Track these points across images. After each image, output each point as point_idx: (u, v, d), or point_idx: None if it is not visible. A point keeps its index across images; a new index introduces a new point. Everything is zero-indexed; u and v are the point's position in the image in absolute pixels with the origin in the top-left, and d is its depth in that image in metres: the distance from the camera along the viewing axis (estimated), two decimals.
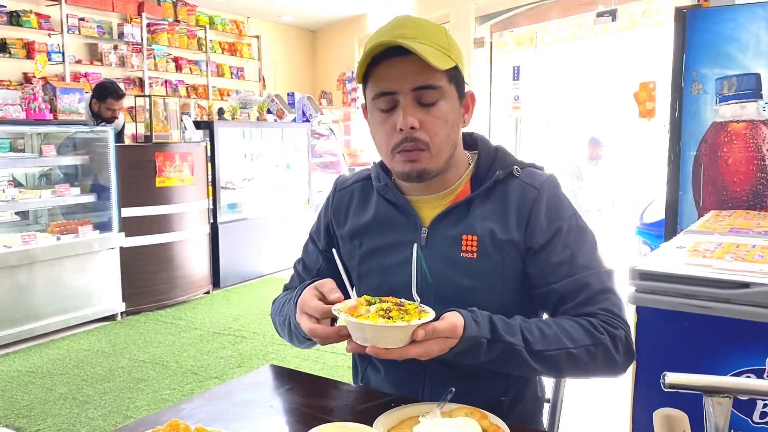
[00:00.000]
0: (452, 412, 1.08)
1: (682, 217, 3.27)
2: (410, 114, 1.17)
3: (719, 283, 1.68)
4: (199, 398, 1.20)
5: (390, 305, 1.07)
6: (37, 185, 4.72)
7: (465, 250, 1.24)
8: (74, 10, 6.91)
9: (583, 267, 1.23)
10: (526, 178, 1.28)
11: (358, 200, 1.38)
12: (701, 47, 3.23)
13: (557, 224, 1.24)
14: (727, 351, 1.70)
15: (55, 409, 3.26)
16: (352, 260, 1.36)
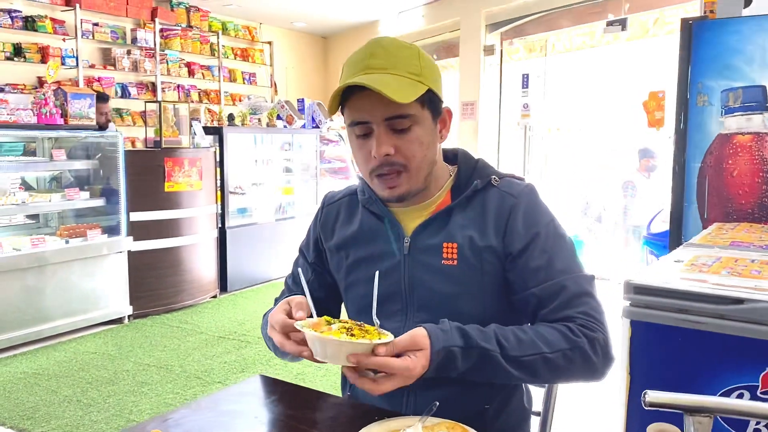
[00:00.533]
0: (434, 427, 1.09)
1: (686, 229, 3.25)
2: (384, 142, 1.21)
3: (713, 298, 1.68)
4: (185, 408, 1.21)
5: (351, 325, 1.10)
6: (47, 189, 4.78)
7: (446, 258, 1.27)
8: (88, 15, 6.99)
9: (561, 271, 1.25)
10: (504, 187, 1.31)
11: (345, 214, 1.42)
12: (707, 59, 3.22)
13: (534, 230, 1.27)
14: (720, 367, 1.69)
15: (59, 411, 3.30)
16: (340, 272, 1.40)
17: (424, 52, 1.28)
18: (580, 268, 1.28)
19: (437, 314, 1.24)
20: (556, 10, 6.99)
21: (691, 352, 1.75)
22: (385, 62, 1.20)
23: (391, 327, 1.29)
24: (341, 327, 1.09)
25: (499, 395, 1.32)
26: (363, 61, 1.21)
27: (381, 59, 1.21)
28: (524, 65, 7.68)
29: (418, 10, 8.39)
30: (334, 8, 8.38)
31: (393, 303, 1.31)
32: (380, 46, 1.23)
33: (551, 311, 1.22)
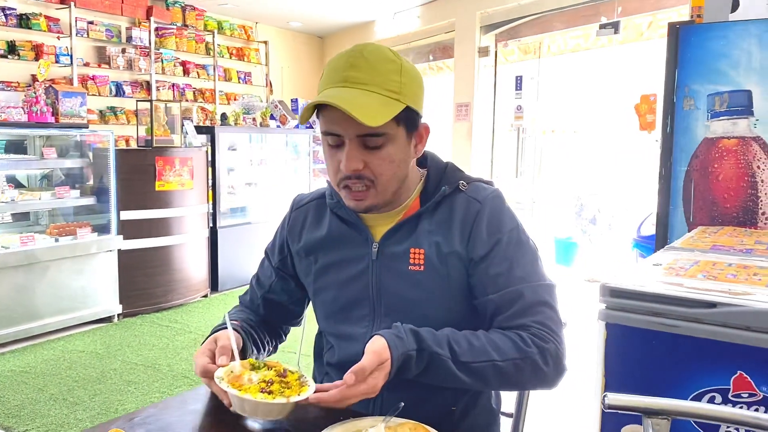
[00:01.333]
0: (397, 427, 1.10)
1: (672, 232, 3.27)
2: (353, 158, 1.20)
3: (687, 302, 1.69)
4: (153, 407, 1.22)
5: (272, 376, 1.13)
6: (37, 187, 4.78)
7: (413, 263, 1.28)
8: (83, 13, 6.99)
9: (520, 279, 1.25)
10: (471, 192, 1.31)
11: (313, 217, 1.42)
12: (694, 63, 3.23)
13: (497, 236, 1.27)
14: (693, 370, 1.70)
15: (45, 409, 3.30)
16: (308, 276, 1.40)
17: (408, 63, 1.25)
18: (541, 276, 1.28)
19: (404, 319, 1.25)
20: (550, 12, 7.01)
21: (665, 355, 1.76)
22: (364, 76, 1.18)
23: (359, 332, 1.31)
24: (261, 379, 1.12)
25: (466, 396, 1.33)
26: (343, 71, 1.19)
27: (361, 72, 1.18)
28: (519, 67, 7.69)
29: (414, 10, 8.40)
30: (330, 8, 8.39)
31: (361, 308, 1.32)
32: (363, 56, 1.20)
33: (507, 318, 1.23)
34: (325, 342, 1.43)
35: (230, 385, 1.11)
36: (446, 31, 8.10)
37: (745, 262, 2.03)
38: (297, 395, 1.10)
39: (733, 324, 1.63)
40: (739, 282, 1.79)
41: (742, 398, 1.63)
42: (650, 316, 1.73)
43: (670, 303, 1.72)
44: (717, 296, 1.67)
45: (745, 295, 1.66)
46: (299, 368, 1.20)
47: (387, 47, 1.26)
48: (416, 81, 1.25)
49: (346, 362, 1.32)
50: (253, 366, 1.18)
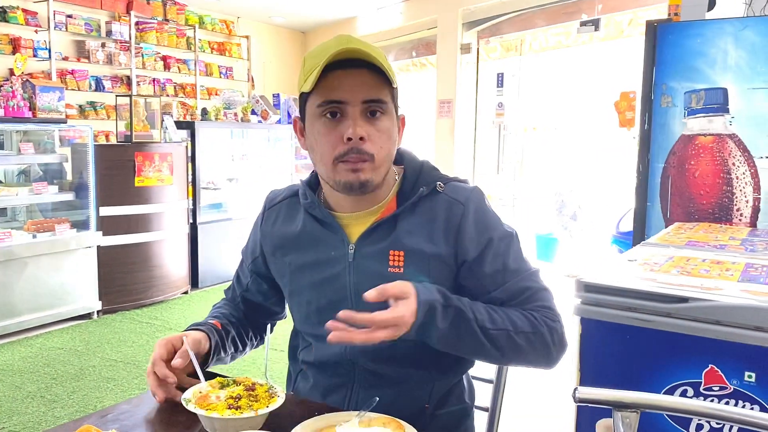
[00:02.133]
0: (371, 422, 1.10)
1: (649, 228, 3.30)
2: (359, 125, 1.19)
3: (659, 297, 1.71)
4: (126, 404, 1.21)
5: (240, 391, 1.14)
6: (15, 183, 4.72)
7: (392, 265, 1.26)
8: (62, 6, 6.90)
9: (516, 271, 1.28)
10: (451, 193, 1.31)
11: (285, 215, 1.40)
12: (671, 61, 3.27)
13: (487, 236, 1.28)
14: (666, 364, 1.72)
15: (22, 407, 3.27)
16: (283, 277, 1.39)
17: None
18: (529, 264, 1.32)
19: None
20: (532, 10, 7.04)
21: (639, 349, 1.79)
22: (364, 47, 1.19)
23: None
24: (228, 395, 1.13)
25: (439, 393, 1.33)
26: (340, 45, 1.17)
27: (360, 45, 1.19)
28: (500, 64, 7.73)
29: (397, 6, 8.40)
30: (313, 3, 8.36)
31: (338, 309, 1.30)
32: (356, 38, 1.21)
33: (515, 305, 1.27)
34: (302, 340, 1.43)
35: (197, 405, 1.11)
36: (429, 27, 8.11)
37: (718, 257, 2.07)
38: (266, 407, 1.11)
39: (704, 318, 1.65)
40: (711, 277, 1.81)
41: (714, 391, 1.66)
42: (624, 311, 1.76)
43: (643, 298, 1.74)
44: (689, 291, 1.70)
45: (716, 290, 1.68)
46: (267, 379, 1.21)
47: None
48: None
49: (325, 362, 1.34)
50: (222, 384, 1.19)
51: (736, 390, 1.56)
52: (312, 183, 1.38)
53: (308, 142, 1.29)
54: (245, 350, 1.48)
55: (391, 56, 8.98)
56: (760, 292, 1.60)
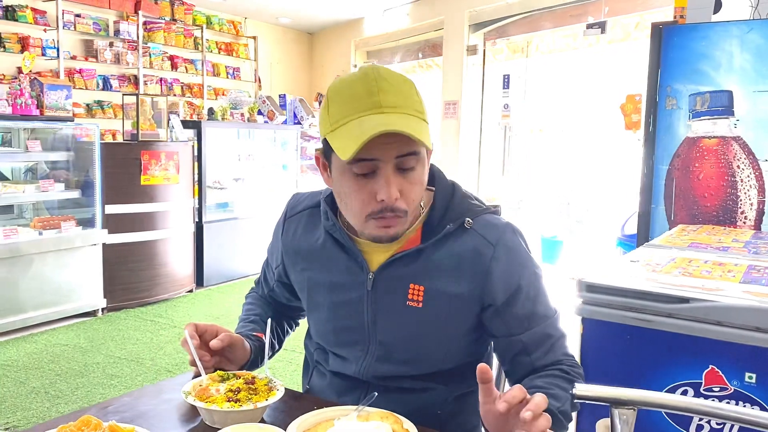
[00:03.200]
0: (369, 416, 1.11)
1: (653, 230, 3.30)
2: (393, 184, 1.14)
3: (660, 297, 1.71)
4: (127, 396, 1.22)
5: (239, 384, 1.16)
6: (22, 180, 4.75)
7: (411, 299, 1.24)
8: (70, 6, 6.95)
9: (544, 317, 1.27)
10: (481, 230, 1.25)
11: (305, 228, 1.37)
12: (676, 63, 3.26)
13: (517, 281, 1.25)
14: (666, 364, 1.72)
15: (26, 402, 3.29)
16: (303, 291, 1.39)
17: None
18: (554, 309, 1.32)
19: (398, 351, 1.27)
20: (538, 12, 7.04)
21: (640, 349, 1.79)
22: (396, 99, 1.13)
23: (353, 355, 1.32)
24: (228, 389, 1.14)
25: (451, 399, 1.33)
26: (372, 97, 1.12)
27: (392, 96, 1.13)
28: (507, 66, 7.73)
29: (403, 8, 8.42)
30: (320, 4, 8.38)
31: (355, 334, 1.30)
32: (384, 79, 1.14)
33: (539, 357, 1.26)
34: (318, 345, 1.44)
35: (197, 398, 1.12)
36: (435, 29, 8.12)
37: (721, 259, 2.06)
38: (265, 400, 1.12)
39: (705, 319, 1.65)
40: (713, 278, 1.81)
41: (714, 392, 1.66)
42: (625, 311, 1.76)
43: (644, 298, 1.74)
44: (690, 292, 1.70)
45: (717, 291, 1.68)
46: (267, 373, 1.22)
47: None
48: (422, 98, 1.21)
49: (339, 376, 1.35)
50: (222, 377, 1.20)
51: (736, 391, 1.56)
52: (334, 203, 1.32)
53: (334, 186, 1.24)
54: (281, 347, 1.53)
55: (396, 57, 8.99)
56: (761, 294, 1.59)
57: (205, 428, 1.10)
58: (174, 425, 1.12)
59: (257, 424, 1.07)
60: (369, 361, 1.30)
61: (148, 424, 1.05)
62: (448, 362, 1.30)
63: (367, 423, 1.08)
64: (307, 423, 1.09)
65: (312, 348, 1.45)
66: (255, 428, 1.05)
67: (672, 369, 1.73)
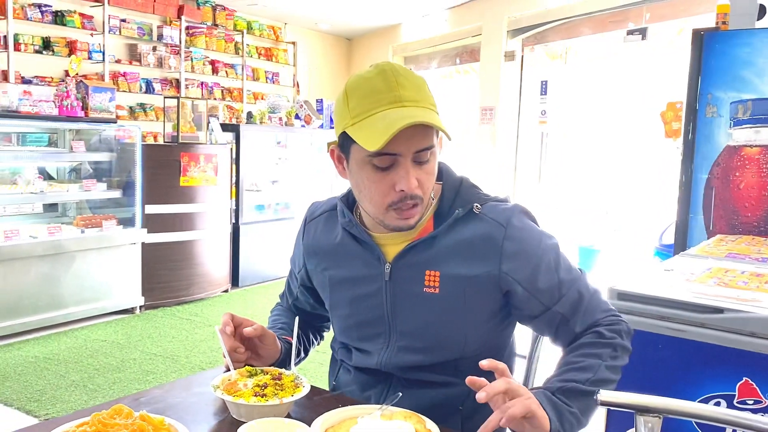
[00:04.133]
0: (392, 415, 1.12)
1: (691, 240, 3.24)
2: (412, 175, 1.20)
3: (694, 306, 1.69)
4: (159, 389, 1.26)
5: (267, 380, 1.19)
6: (66, 179, 4.89)
7: (428, 285, 1.27)
8: (116, 11, 7.14)
9: (570, 281, 1.29)
10: (490, 213, 1.29)
11: (323, 229, 1.43)
12: (717, 70, 3.20)
13: (535, 254, 1.27)
14: (699, 375, 1.69)
15: (66, 395, 3.38)
16: (324, 291, 1.43)
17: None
18: (575, 269, 1.32)
19: (419, 340, 1.29)
20: (578, 18, 6.97)
21: (671, 359, 1.76)
22: (414, 94, 1.19)
23: (375, 348, 1.34)
24: (255, 384, 1.17)
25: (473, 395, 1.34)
26: (392, 91, 1.18)
27: (410, 91, 1.19)
28: (545, 72, 7.67)
29: (442, 14, 8.43)
30: (358, 10, 8.45)
31: (375, 326, 1.33)
32: (401, 75, 1.20)
33: (579, 323, 1.27)
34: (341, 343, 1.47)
35: (225, 392, 1.15)
36: (473, 34, 8.10)
37: (759, 270, 2.02)
38: (291, 396, 1.15)
39: (739, 330, 1.62)
40: (749, 289, 1.78)
41: (748, 405, 1.63)
42: (657, 319, 1.74)
43: (677, 307, 1.72)
44: (725, 302, 1.67)
45: (753, 302, 1.65)
46: (294, 370, 1.25)
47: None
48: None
49: (364, 368, 1.38)
50: (250, 373, 1.23)
51: None
52: (349, 201, 1.39)
53: (353, 179, 1.29)
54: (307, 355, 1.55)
55: (434, 63, 9.00)
56: None
57: (233, 421, 1.12)
58: (202, 417, 1.15)
59: (282, 419, 1.09)
60: (390, 352, 1.32)
61: (178, 416, 1.08)
62: (468, 349, 1.30)
63: (390, 422, 1.09)
64: (331, 420, 1.11)
65: (336, 347, 1.48)
66: (280, 423, 1.08)
67: (704, 380, 1.70)
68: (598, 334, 1.25)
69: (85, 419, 1.03)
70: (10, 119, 4.25)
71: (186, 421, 1.06)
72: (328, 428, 1.09)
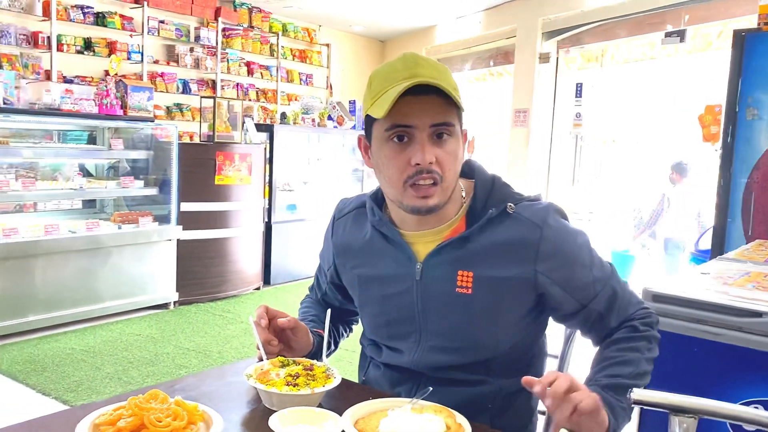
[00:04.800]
0: (422, 409, 1.12)
1: (729, 245, 3.17)
2: (428, 150, 1.19)
3: (731, 310, 1.65)
4: (193, 377, 1.29)
5: (299, 370, 1.20)
6: (104, 176, 5.01)
7: (460, 286, 1.26)
8: (155, 12, 7.27)
9: (602, 279, 1.30)
10: (524, 213, 1.28)
11: (353, 226, 1.42)
12: (759, 72, 3.14)
13: (570, 253, 1.27)
14: (735, 379, 1.66)
15: (101, 387, 3.46)
16: (354, 289, 1.43)
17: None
18: (607, 264, 1.33)
19: (450, 340, 1.29)
20: (614, 20, 6.88)
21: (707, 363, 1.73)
22: (432, 72, 1.20)
23: (405, 346, 1.34)
24: (288, 373, 1.19)
25: (502, 394, 1.33)
26: (410, 70, 1.19)
27: (429, 69, 1.20)
28: (580, 74, 7.58)
29: (476, 16, 8.40)
30: (392, 13, 8.46)
31: (406, 325, 1.33)
32: (423, 59, 1.22)
33: (614, 318, 1.29)
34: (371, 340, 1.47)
35: (258, 380, 1.17)
36: (507, 36, 8.06)
37: None
38: (322, 386, 1.16)
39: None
40: None
41: None
42: (693, 323, 1.71)
43: (713, 310, 1.69)
44: (763, 306, 1.63)
45: None
46: (325, 362, 1.27)
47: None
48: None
49: (394, 366, 1.38)
50: (283, 363, 1.24)
51: None
52: (378, 199, 1.39)
53: (374, 162, 1.30)
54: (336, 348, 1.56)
55: (467, 65, 8.97)
56: None
57: (264, 410, 1.14)
58: (235, 405, 1.17)
59: (313, 408, 1.10)
60: (421, 352, 1.32)
61: (212, 403, 1.10)
62: (500, 350, 1.30)
63: (420, 415, 1.09)
64: (361, 411, 1.11)
65: (366, 344, 1.48)
66: (311, 412, 1.09)
67: (741, 385, 1.66)
68: (633, 329, 1.27)
69: (121, 403, 1.05)
70: (52, 117, 4.37)
71: (219, 408, 1.08)
72: (358, 419, 1.09)
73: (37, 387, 3.43)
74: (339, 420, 1.06)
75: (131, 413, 1.01)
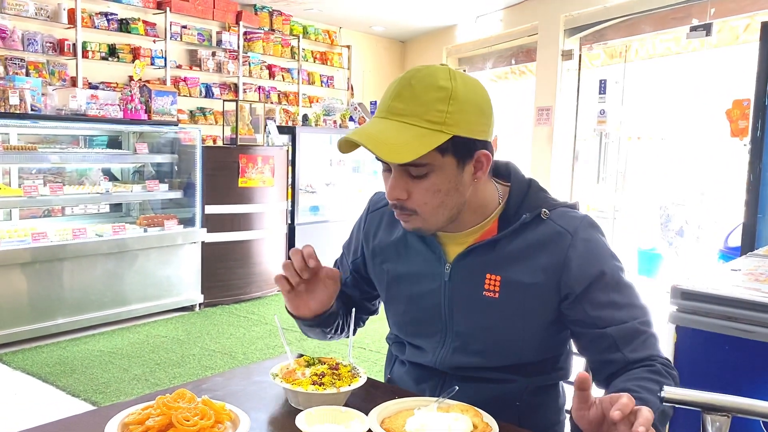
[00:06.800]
0: (449, 408, 1.12)
1: (759, 242, 3.11)
2: (396, 187, 1.19)
3: (763, 307, 1.62)
4: (220, 376, 1.29)
5: (324, 369, 1.20)
6: (130, 180, 5.07)
7: (487, 289, 1.25)
8: (178, 18, 7.35)
9: (629, 309, 1.22)
10: (558, 220, 1.25)
11: (387, 222, 1.42)
12: None
13: (597, 269, 1.22)
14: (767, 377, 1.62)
15: (129, 388, 3.50)
16: (381, 283, 1.42)
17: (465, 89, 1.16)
18: (643, 304, 1.25)
19: (476, 342, 1.28)
20: (638, 15, 6.79)
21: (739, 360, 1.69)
22: (405, 107, 1.14)
23: (430, 346, 1.34)
24: (313, 373, 1.19)
25: (529, 392, 1.32)
26: (388, 101, 1.17)
27: (403, 103, 1.15)
28: (604, 71, 7.50)
29: (497, 14, 8.35)
30: (412, 13, 8.45)
31: (432, 324, 1.32)
32: (410, 85, 1.15)
33: (632, 351, 1.20)
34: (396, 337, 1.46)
35: (284, 380, 1.18)
36: (529, 34, 8.00)
37: None
38: (348, 386, 1.16)
39: None
40: None
41: None
42: (723, 320, 1.67)
43: (745, 307, 1.65)
44: None
45: None
46: (351, 361, 1.26)
47: (448, 70, 1.18)
48: (471, 108, 1.16)
49: (417, 364, 1.38)
50: (308, 363, 1.25)
51: None
52: None
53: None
54: (340, 335, 1.52)
55: (489, 64, 8.92)
56: None
57: (290, 409, 1.14)
58: (261, 404, 1.18)
59: (339, 407, 1.10)
60: (446, 352, 1.31)
61: (238, 402, 1.10)
62: (525, 356, 1.29)
63: (446, 414, 1.08)
64: (388, 410, 1.11)
65: (391, 341, 1.48)
66: (337, 411, 1.09)
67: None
68: (655, 369, 1.17)
69: (149, 403, 1.06)
70: (78, 122, 4.44)
71: (246, 408, 1.08)
72: (384, 418, 1.09)
73: (67, 388, 3.48)
74: (365, 419, 1.06)
75: (159, 412, 1.02)
